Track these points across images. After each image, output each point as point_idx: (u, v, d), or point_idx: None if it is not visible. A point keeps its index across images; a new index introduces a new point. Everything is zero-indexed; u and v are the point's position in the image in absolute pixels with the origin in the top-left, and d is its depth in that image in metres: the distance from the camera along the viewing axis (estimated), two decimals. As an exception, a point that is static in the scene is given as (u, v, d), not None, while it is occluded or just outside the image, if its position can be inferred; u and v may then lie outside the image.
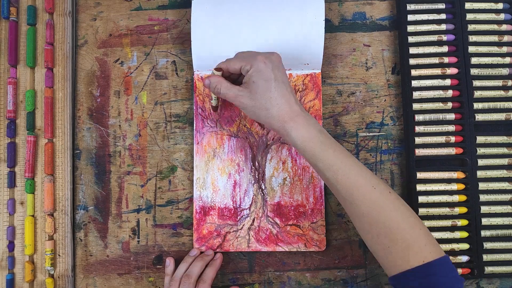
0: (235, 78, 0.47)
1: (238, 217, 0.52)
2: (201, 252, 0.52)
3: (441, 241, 0.51)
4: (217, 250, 0.52)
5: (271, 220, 0.52)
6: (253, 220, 0.52)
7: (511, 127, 0.52)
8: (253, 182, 0.52)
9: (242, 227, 0.52)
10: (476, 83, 0.52)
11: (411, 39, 0.53)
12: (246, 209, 0.52)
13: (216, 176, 0.53)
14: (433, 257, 0.38)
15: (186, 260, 0.50)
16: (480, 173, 0.51)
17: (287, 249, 0.52)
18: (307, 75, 0.53)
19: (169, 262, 0.51)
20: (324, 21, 0.51)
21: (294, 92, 0.50)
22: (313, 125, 0.42)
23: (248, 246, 0.52)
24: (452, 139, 0.52)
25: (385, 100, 0.54)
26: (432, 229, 0.51)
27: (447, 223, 0.51)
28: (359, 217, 0.41)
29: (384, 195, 0.40)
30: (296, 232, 0.52)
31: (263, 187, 0.52)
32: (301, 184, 0.52)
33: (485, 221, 0.51)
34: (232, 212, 0.52)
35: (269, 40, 0.51)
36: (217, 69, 0.45)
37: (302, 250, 0.52)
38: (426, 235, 0.40)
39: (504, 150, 0.52)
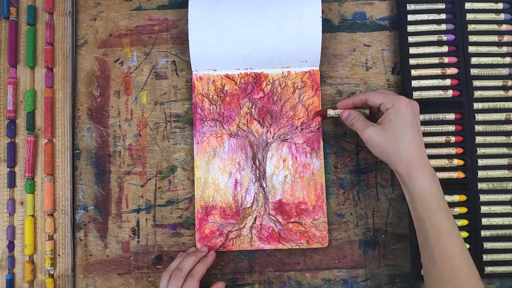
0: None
1: (240, 216, 0.52)
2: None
3: (441, 241, 0.51)
4: (220, 249, 0.52)
5: (273, 218, 0.52)
6: (255, 219, 0.52)
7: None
8: (254, 180, 0.52)
9: (244, 226, 0.52)
10: (476, 83, 0.52)
11: (411, 39, 0.53)
12: (248, 207, 0.52)
13: (217, 175, 0.53)
14: None
15: (181, 255, 0.51)
16: (480, 173, 0.51)
17: (289, 247, 0.52)
18: (305, 72, 0.53)
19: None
20: (321, 18, 0.51)
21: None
22: (436, 181, 0.43)
23: (251, 244, 0.52)
24: (452, 139, 0.52)
25: (385, 100, 0.54)
26: (432, 229, 0.51)
27: (447, 223, 0.51)
28: (438, 280, 0.41)
29: (475, 278, 0.41)
30: (298, 230, 0.52)
31: (264, 186, 0.52)
32: (302, 181, 0.52)
33: (485, 221, 0.51)
34: (234, 211, 0.52)
35: (267, 38, 0.51)
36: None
37: (305, 247, 0.52)
38: None
39: (504, 150, 0.52)
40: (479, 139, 0.51)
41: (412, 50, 0.53)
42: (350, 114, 0.48)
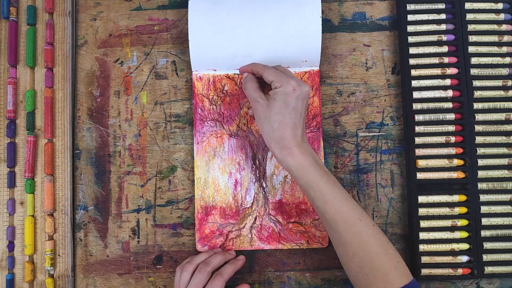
0: (264, 82, 0.49)
1: (240, 216, 0.52)
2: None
3: (441, 241, 0.51)
4: (220, 249, 0.52)
5: (273, 218, 0.52)
6: (255, 219, 0.52)
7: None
8: (254, 180, 0.52)
9: (244, 226, 0.52)
10: (476, 83, 0.52)
11: (411, 39, 0.53)
12: (248, 207, 0.52)
13: (217, 175, 0.53)
14: (406, 281, 0.43)
15: (208, 252, 0.50)
16: (480, 173, 0.51)
17: (289, 247, 0.52)
18: (305, 72, 0.53)
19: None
20: (321, 18, 0.51)
21: (305, 125, 0.52)
22: (310, 155, 0.44)
23: (251, 244, 0.52)
24: (452, 139, 0.52)
25: (385, 100, 0.54)
26: (432, 229, 0.51)
27: (447, 223, 0.51)
28: (343, 246, 0.44)
29: (369, 227, 0.43)
30: (298, 230, 0.52)
31: (264, 186, 0.52)
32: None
33: (485, 221, 0.51)
34: (234, 211, 0.52)
35: (267, 38, 0.51)
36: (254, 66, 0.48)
37: (305, 247, 0.52)
38: (401, 264, 0.44)
39: (504, 150, 0.52)
40: (479, 139, 0.51)
41: (412, 50, 0.53)
42: (247, 77, 0.48)
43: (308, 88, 0.45)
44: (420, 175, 0.51)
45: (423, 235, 0.51)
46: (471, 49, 0.52)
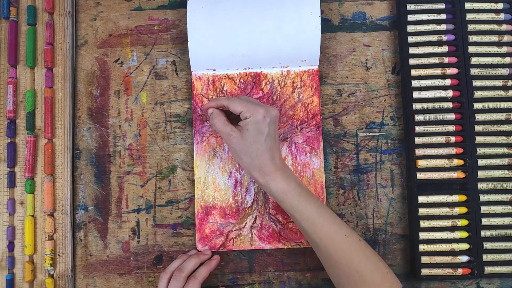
0: (229, 113, 0.48)
1: (240, 215, 0.52)
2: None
3: (441, 241, 0.51)
4: (220, 249, 0.52)
5: (273, 217, 0.52)
6: (255, 218, 0.52)
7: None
8: (254, 180, 0.52)
9: (244, 226, 0.52)
10: (476, 83, 0.52)
11: (411, 39, 0.53)
12: (248, 207, 0.52)
13: (217, 175, 0.53)
14: None
15: (182, 257, 0.50)
16: (480, 173, 0.51)
17: (290, 246, 0.52)
18: (304, 71, 0.53)
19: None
20: (320, 17, 0.51)
21: (280, 147, 0.52)
22: (292, 178, 0.45)
23: (251, 244, 0.52)
24: (452, 139, 0.52)
25: (385, 100, 0.54)
26: (432, 229, 0.51)
27: (447, 223, 0.51)
28: (333, 264, 0.45)
29: (355, 243, 0.44)
30: (298, 229, 0.52)
31: (263, 186, 0.52)
32: (302, 180, 0.52)
33: (485, 221, 0.51)
34: (234, 211, 0.52)
35: (266, 38, 0.51)
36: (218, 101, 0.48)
37: (305, 247, 0.52)
38: (390, 274, 0.44)
39: (504, 150, 0.52)
40: (479, 139, 0.51)
41: (412, 50, 0.53)
42: (213, 113, 0.48)
43: (276, 111, 0.46)
44: (420, 175, 0.51)
45: (423, 235, 0.51)
46: (471, 49, 0.52)
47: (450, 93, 0.52)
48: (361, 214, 0.53)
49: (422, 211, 0.51)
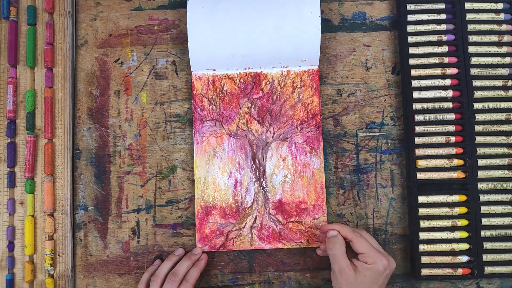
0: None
1: (240, 215, 0.52)
2: (186, 252, 0.52)
3: (441, 241, 0.51)
4: (220, 249, 0.52)
5: (273, 217, 0.52)
6: (255, 218, 0.52)
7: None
8: (254, 180, 0.52)
9: (244, 226, 0.52)
10: (476, 83, 0.52)
11: (411, 39, 0.53)
12: (248, 207, 0.52)
13: (217, 175, 0.53)
14: None
15: (171, 259, 0.50)
16: (480, 173, 0.51)
17: (290, 246, 0.52)
18: (304, 71, 0.53)
19: (158, 262, 0.51)
20: (320, 17, 0.51)
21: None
22: None
23: (251, 244, 0.52)
24: (452, 139, 0.52)
25: (385, 100, 0.54)
26: (432, 229, 0.51)
27: (447, 223, 0.51)
28: None
29: None
30: (298, 229, 0.52)
31: (264, 185, 0.52)
32: (302, 180, 0.52)
33: (485, 221, 0.51)
34: (234, 211, 0.52)
35: (266, 38, 0.51)
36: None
37: (305, 246, 0.52)
38: None
39: (504, 150, 0.52)
40: (479, 139, 0.51)
41: (412, 50, 0.53)
42: (337, 238, 0.46)
43: (394, 264, 0.45)
44: (420, 175, 0.51)
45: (423, 235, 0.51)
46: (471, 49, 0.52)
47: (450, 93, 0.52)
48: (361, 214, 0.53)
49: (422, 211, 0.51)
